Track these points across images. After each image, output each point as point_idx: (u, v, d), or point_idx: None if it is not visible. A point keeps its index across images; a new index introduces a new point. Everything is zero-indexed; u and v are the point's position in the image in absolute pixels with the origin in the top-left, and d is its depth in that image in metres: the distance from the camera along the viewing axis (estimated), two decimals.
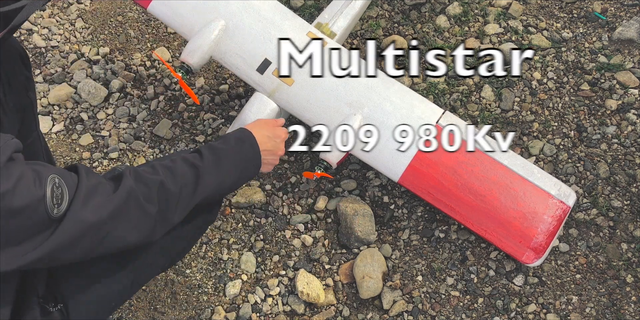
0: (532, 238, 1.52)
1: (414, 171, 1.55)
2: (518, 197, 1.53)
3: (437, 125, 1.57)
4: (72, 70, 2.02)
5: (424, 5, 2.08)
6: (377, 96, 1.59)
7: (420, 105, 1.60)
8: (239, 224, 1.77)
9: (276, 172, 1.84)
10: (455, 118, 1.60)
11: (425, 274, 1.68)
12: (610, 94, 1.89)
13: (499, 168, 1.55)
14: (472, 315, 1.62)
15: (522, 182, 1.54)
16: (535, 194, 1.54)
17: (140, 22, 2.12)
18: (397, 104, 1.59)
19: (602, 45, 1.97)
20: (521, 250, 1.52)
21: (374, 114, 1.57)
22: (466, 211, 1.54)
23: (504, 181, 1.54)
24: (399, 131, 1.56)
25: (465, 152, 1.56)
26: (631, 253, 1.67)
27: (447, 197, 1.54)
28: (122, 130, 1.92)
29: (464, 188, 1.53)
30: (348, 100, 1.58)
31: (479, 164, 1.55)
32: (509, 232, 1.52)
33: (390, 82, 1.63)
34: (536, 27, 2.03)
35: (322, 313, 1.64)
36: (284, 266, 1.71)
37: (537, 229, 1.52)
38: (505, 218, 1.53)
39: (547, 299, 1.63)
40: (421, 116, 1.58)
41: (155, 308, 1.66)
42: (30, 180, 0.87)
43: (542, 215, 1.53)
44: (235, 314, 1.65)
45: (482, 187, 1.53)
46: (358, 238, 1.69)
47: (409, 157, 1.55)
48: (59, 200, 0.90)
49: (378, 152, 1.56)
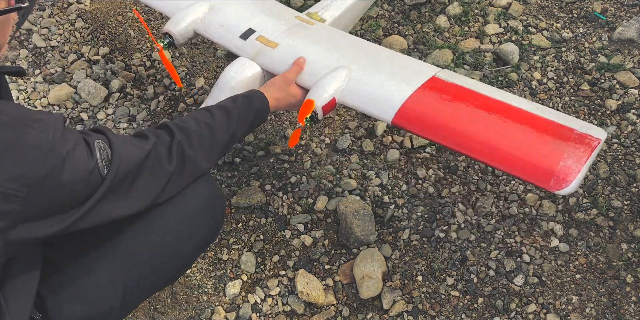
0: (559, 161, 1.30)
1: (411, 108, 1.41)
2: (537, 128, 1.36)
3: (435, 76, 1.47)
4: (72, 70, 2.02)
5: (424, 5, 2.08)
6: (367, 53, 1.54)
7: (414, 63, 1.53)
8: (239, 224, 1.77)
9: (276, 172, 1.84)
10: (454, 73, 1.50)
11: (425, 274, 1.68)
12: (610, 94, 1.89)
13: (512, 108, 1.40)
14: (472, 316, 1.62)
15: (538, 118, 1.38)
16: (556, 127, 1.36)
17: (140, 22, 2.12)
18: (389, 60, 1.53)
19: (602, 45, 1.97)
20: (547, 176, 1.29)
21: (362, 69, 1.49)
22: (478, 143, 1.34)
23: (519, 117, 1.38)
24: (391, 78, 1.47)
25: (470, 94, 1.43)
26: (631, 253, 1.67)
27: (454, 130, 1.37)
28: (122, 130, 1.92)
29: (473, 120, 1.37)
30: (335, 57, 1.52)
31: (487, 104, 1.40)
32: (531, 157, 1.31)
33: (381, 47, 1.60)
34: (536, 27, 2.03)
35: (322, 313, 1.64)
36: (284, 266, 1.71)
37: (563, 153, 1.31)
38: (526, 145, 1.33)
39: (547, 299, 1.63)
40: (416, 69, 1.50)
41: (155, 308, 1.66)
42: (83, 148, 0.94)
43: (567, 143, 1.33)
44: (235, 314, 1.65)
45: (494, 121, 1.37)
46: (358, 238, 1.69)
47: (403, 97, 1.42)
48: (106, 161, 0.98)
49: (368, 95, 1.45)
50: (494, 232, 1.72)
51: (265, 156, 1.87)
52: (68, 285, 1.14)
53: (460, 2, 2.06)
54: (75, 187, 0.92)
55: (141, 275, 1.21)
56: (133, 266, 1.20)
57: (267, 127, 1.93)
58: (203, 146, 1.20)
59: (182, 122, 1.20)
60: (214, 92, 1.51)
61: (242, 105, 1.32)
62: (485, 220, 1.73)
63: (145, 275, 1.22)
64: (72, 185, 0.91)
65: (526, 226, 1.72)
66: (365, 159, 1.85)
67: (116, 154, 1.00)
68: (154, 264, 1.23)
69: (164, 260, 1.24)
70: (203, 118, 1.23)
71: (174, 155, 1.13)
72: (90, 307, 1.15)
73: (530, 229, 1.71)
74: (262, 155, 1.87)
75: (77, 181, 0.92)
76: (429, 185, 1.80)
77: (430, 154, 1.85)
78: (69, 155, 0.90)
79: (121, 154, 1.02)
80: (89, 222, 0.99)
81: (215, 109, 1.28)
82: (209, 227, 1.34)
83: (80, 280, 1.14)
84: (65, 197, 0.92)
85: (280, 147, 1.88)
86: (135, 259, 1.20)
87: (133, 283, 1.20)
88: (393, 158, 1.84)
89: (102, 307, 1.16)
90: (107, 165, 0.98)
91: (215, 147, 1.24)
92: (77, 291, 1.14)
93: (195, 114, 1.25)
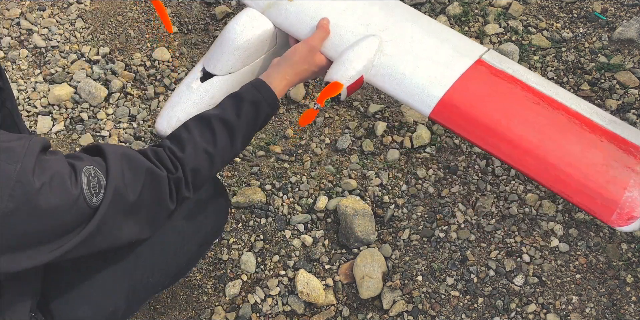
0: (624, 191, 1.07)
1: (453, 102, 1.18)
2: (597, 143, 1.12)
3: (481, 59, 1.23)
4: (72, 70, 2.02)
5: (424, 5, 2.08)
6: (404, 20, 1.27)
7: (458, 38, 1.28)
8: (239, 224, 1.77)
9: (276, 172, 1.84)
10: (501, 57, 1.26)
11: (425, 274, 1.68)
12: (610, 94, 1.89)
13: (568, 111, 1.16)
14: (472, 316, 1.62)
15: (599, 129, 1.14)
16: (619, 143, 1.13)
17: (140, 22, 2.12)
18: (428, 32, 1.27)
19: (602, 45, 1.97)
20: (609, 208, 1.07)
21: (397, 39, 1.24)
22: (528, 155, 1.12)
23: (576, 125, 1.15)
24: (431, 57, 1.22)
25: (522, 89, 1.19)
26: (631, 253, 1.67)
27: (501, 134, 1.14)
28: (122, 130, 1.92)
29: (524, 126, 1.14)
30: (365, 21, 1.26)
31: (540, 104, 1.17)
32: (590, 181, 1.08)
33: (422, 15, 1.32)
34: (536, 27, 2.03)
35: (322, 313, 1.64)
36: (284, 266, 1.71)
37: (629, 180, 1.08)
38: (583, 164, 1.10)
39: (547, 299, 1.63)
40: (459, 47, 1.24)
41: (154, 308, 1.66)
42: (66, 177, 0.87)
43: (633, 166, 1.09)
44: (235, 314, 1.65)
45: (548, 128, 1.14)
46: (358, 238, 1.69)
47: (445, 86, 1.18)
48: (96, 189, 0.91)
49: (403, 78, 1.21)
50: (494, 232, 1.72)
51: (265, 156, 1.87)
52: (72, 286, 1.14)
53: (460, 2, 2.06)
54: (57, 217, 0.86)
55: (145, 275, 1.21)
56: (136, 266, 1.20)
57: (267, 127, 1.93)
58: (197, 182, 1.09)
59: (180, 148, 1.07)
60: (214, 52, 1.28)
61: (248, 118, 1.14)
62: (485, 220, 1.73)
63: (149, 275, 1.22)
64: (51, 216, 0.85)
65: (526, 226, 1.72)
66: (365, 159, 1.85)
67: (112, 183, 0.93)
68: (157, 263, 1.23)
69: (167, 259, 1.25)
70: (204, 143, 1.09)
71: (174, 194, 1.04)
72: (95, 308, 1.15)
73: (530, 229, 1.71)
74: (262, 155, 1.87)
75: (58, 212, 0.86)
76: (429, 185, 1.80)
77: (430, 154, 1.85)
78: (44, 187, 0.83)
79: (117, 184, 0.94)
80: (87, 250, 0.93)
81: (218, 126, 1.11)
82: (212, 224, 1.34)
83: (84, 282, 1.14)
84: (46, 228, 0.86)
85: (280, 147, 1.88)
86: (138, 259, 1.20)
87: (137, 283, 1.20)
88: (393, 158, 1.84)
89: (107, 308, 1.16)
90: (97, 193, 0.91)
91: (211, 176, 1.14)
92: (82, 293, 1.14)
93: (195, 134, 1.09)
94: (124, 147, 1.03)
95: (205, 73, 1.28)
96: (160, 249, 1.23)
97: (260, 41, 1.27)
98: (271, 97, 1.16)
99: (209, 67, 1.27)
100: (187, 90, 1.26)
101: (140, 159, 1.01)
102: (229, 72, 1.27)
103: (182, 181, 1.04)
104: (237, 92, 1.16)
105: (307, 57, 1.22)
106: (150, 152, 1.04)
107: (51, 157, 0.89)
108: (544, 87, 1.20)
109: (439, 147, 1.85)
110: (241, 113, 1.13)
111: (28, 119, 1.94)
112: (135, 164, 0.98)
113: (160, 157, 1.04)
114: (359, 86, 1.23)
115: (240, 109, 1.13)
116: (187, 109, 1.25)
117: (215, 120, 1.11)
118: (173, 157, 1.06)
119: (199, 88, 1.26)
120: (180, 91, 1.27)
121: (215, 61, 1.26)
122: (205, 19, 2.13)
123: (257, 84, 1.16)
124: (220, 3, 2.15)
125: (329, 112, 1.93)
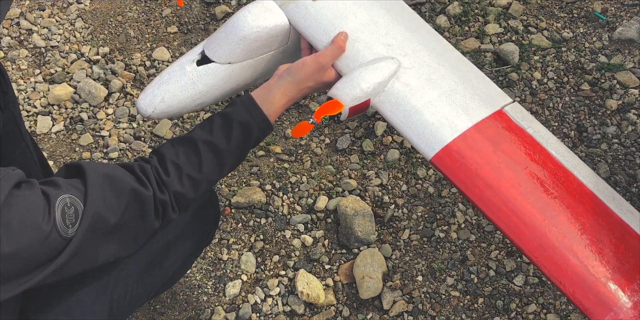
0: (626, 293, 0.95)
1: (459, 151, 1.06)
2: (608, 232, 1.00)
3: (502, 111, 1.11)
4: (72, 70, 2.02)
5: (424, 5, 2.08)
6: (431, 49, 1.16)
7: (485, 83, 1.15)
8: (239, 224, 1.77)
9: (276, 172, 1.84)
10: (524, 111, 1.14)
11: (425, 274, 1.68)
12: (611, 94, 1.88)
13: (583, 190, 1.04)
14: (472, 316, 1.62)
15: (613, 216, 1.02)
16: (632, 238, 1.01)
17: (140, 22, 2.12)
18: (454, 69, 1.15)
19: (602, 45, 1.97)
20: (604, 308, 0.95)
21: (417, 68, 1.12)
22: (526, 227, 1.01)
23: (589, 208, 1.03)
24: (449, 97, 1.10)
25: (538, 154, 1.07)
26: None
27: (501, 197, 1.03)
28: (122, 130, 1.92)
29: (528, 194, 1.02)
30: (387, 41, 1.14)
31: (554, 174, 1.05)
32: (591, 275, 0.96)
33: (452, 48, 1.19)
34: (536, 27, 2.02)
35: (322, 313, 1.64)
36: (284, 266, 1.71)
37: (634, 282, 0.96)
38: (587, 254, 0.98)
39: (548, 299, 1.63)
40: (482, 92, 1.12)
41: (154, 308, 1.66)
42: (36, 212, 0.84)
43: (624, 291, 0.96)
44: (235, 314, 1.64)
45: (555, 203, 1.01)
46: (358, 238, 1.69)
47: (456, 131, 1.06)
48: (72, 219, 0.87)
49: (413, 112, 1.08)
50: (494, 232, 1.72)
51: (265, 156, 1.87)
52: (52, 302, 1.11)
53: (460, 1, 2.06)
54: (25, 254, 0.82)
55: (128, 289, 1.18)
56: (118, 280, 1.17)
57: None
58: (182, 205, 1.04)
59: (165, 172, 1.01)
60: (218, 37, 1.16)
61: (238, 142, 1.06)
62: (485, 220, 1.73)
63: (132, 288, 1.19)
64: (19, 253, 0.81)
65: None
66: (365, 159, 1.85)
67: (90, 210, 0.88)
68: (142, 276, 1.20)
69: (151, 272, 1.21)
70: (189, 169, 1.03)
71: (160, 215, 1.00)
72: None
73: None
74: (262, 155, 1.87)
75: (25, 250, 0.82)
76: (429, 185, 1.80)
77: None
78: (9, 225, 0.80)
79: (96, 210, 0.89)
80: (54, 281, 0.90)
81: (205, 152, 1.04)
82: (199, 234, 1.30)
83: (64, 297, 1.12)
84: (15, 265, 0.82)
85: (280, 147, 1.88)
86: (120, 273, 1.17)
87: (119, 297, 1.17)
88: (393, 158, 1.84)
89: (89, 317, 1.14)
90: (73, 223, 0.86)
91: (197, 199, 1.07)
92: (62, 308, 1.12)
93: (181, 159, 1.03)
94: (108, 165, 0.98)
95: (203, 57, 1.18)
96: (145, 263, 1.20)
97: (270, 36, 1.16)
98: (262, 120, 1.07)
99: (208, 52, 1.17)
100: (180, 71, 1.16)
101: (124, 179, 0.95)
102: (229, 61, 1.17)
103: (168, 204, 1.00)
104: (227, 112, 1.07)
105: (314, 74, 1.11)
106: (138, 168, 1.00)
107: (24, 192, 0.85)
108: (563, 156, 1.08)
109: None
110: (231, 137, 1.05)
111: (28, 119, 1.94)
112: (119, 185, 0.94)
113: (148, 175, 1.00)
114: (364, 109, 1.12)
115: (230, 132, 1.05)
116: (174, 91, 1.15)
117: (202, 145, 1.04)
118: (159, 179, 1.01)
119: (191, 71, 1.16)
120: (172, 70, 1.17)
121: (216, 46, 1.15)
122: (205, 19, 2.13)
123: (247, 104, 1.07)
124: (220, 3, 2.15)
125: None
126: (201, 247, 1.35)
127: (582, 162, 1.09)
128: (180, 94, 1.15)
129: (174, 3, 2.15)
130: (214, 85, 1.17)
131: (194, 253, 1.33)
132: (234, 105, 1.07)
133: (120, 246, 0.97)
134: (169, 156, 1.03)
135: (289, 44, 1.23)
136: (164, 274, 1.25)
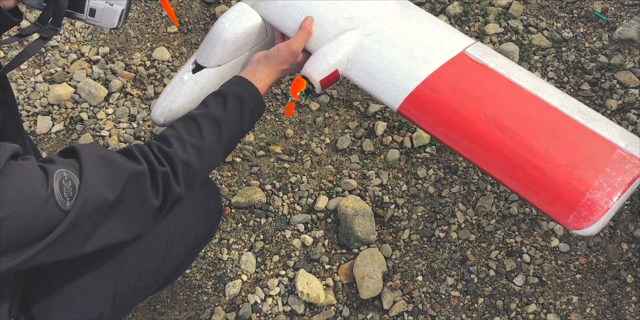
0: (585, 193, 1.01)
1: (421, 97, 1.15)
2: (568, 141, 1.07)
3: (463, 52, 1.19)
4: (72, 70, 2.02)
5: (424, 5, 2.08)
6: (390, 14, 1.25)
7: (445, 32, 1.24)
8: (239, 224, 1.77)
9: (276, 172, 1.84)
10: (488, 50, 1.21)
11: (425, 274, 1.68)
12: (611, 93, 1.88)
13: (545, 107, 1.12)
14: (472, 316, 1.62)
15: (576, 126, 1.09)
16: (595, 141, 1.07)
17: (140, 22, 2.12)
18: (413, 25, 1.24)
19: (602, 45, 1.97)
20: (567, 210, 1.02)
21: (378, 33, 1.22)
22: (488, 151, 1.08)
23: (549, 121, 1.10)
24: (408, 51, 1.19)
25: (498, 84, 1.14)
26: (631, 253, 1.66)
27: (463, 130, 1.11)
28: (122, 130, 1.92)
29: (488, 122, 1.10)
30: (349, 14, 1.25)
31: (515, 99, 1.13)
32: (550, 181, 1.04)
33: (413, 7, 1.29)
34: (536, 26, 2.02)
35: (322, 313, 1.64)
36: (284, 266, 1.71)
37: (594, 182, 1.02)
38: (545, 163, 1.06)
39: (548, 299, 1.63)
40: (443, 41, 1.21)
41: (154, 308, 1.66)
42: (34, 182, 0.85)
43: (602, 167, 1.04)
44: (235, 314, 1.64)
45: (515, 124, 1.09)
46: (358, 238, 1.69)
47: (416, 80, 1.16)
48: (70, 193, 0.88)
49: (376, 72, 1.19)
50: (494, 232, 1.72)
51: (265, 156, 1.87)
52: (54, 292, 1.12)
53: (460, 1, 2.06)
54: (24, 222, 0.83)
55: (132, 280, 1.19)
56: (121, 272, 1.17)
57: (267, 126, 1.93)
58: (189, 177, 1.07)
59: (167, 144, 1.06)
60: (205, 45, 1.30)
61: (233, 111, 1.14)
62: (485, 220, 1.73)
63: (136, 280, 1.19)
64: (15, 222, 0.82)
65: (526, 226, 1.72)
66: (365, 159, 1.85)
67: (85, 184, 0.90)
68: (144, 268, 1.20)
69: (154, 264, 1.22)
70: (190, 138, 1.08)
71: (160, 190, 1.01)
72: (78, 313, 1.12)
73: (531, 229, 1.71)
74: (262, 155, 1.87)
75: (23, 218, 0.83)
76: (429, 185, 1.80)
77: (430, 153, 1.84)
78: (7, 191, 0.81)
79: (92, 184, 0.91)
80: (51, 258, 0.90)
81: (203, 121, 1.11)
82: (202, 227, 1.31)
83: (66, 287, 1.12)
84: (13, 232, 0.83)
85: (280, 147, 1.88)
86: (124, 264, 1.17)
87: (123, 288, 1.18)
88: (393, 158, 1.84)
89: (90, 313, 1.14)
90: (71, 197, 0.88)
91: (202, 172, 1.11)
92: (64, 298, 1.12)
93: (181, 131, 1.09)
94: (101, 148, 1.01)
95: (197, 65, 1.33)
96: (148, 254, 1.21)
97: (248, 35, 1.29)
98: (254, 91, 1.17)
99: (199, 60, 1.32)
100: (180, 81, 1.32)
101: (118, 158, 0.98)
102: (218, 64, 1.31)
103: (170, 176, 1.02)
104: (219, 90, 1.17)
105: (288, 59, 1.23)
106: (135, 148, 1.03)
107: (21, 162, 0.86)
108: (526, 81, 1.16)
109: (439, 147, 1.85)
110: (226, 107, 1.14)
111: (28, 118, 1.94)
112: (114, 163, 0.96)
113: (145, 153, 1.02)
114: (335, 80, 1.24)
115: (225, 103, 1.14)
116: (179, 99, 1.30)
117: (200, 116, 1.12)
118: (159, 153, 1.04)
119: (189, 80, 1.31)
120: (174, 82, 1.33)
121: (205, 54, 1.29)
122: (205, 19, 2.13)
123: (238, 81, 1.18)
124: (220, 3, 2.15)
125: (329, 112, 1.93)
126: (205, 240, 1.36)
127: (546, 84, 1.17)
128: (183, 100, 1.30)
129: (174, 3, 2.15)
130: (210, 86, 1.31)
131: (198, 246, 1.34)
132: (225, 84, 1.18)
133: (120, 225, 0.98)
134: (168, 131, 1.09)
135: (269, 37, 1.36)
136: (167, 267, 1.26)
